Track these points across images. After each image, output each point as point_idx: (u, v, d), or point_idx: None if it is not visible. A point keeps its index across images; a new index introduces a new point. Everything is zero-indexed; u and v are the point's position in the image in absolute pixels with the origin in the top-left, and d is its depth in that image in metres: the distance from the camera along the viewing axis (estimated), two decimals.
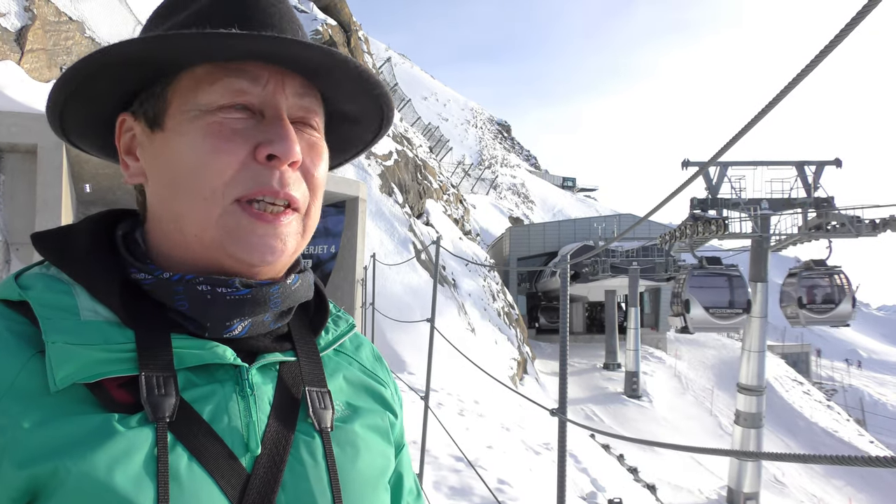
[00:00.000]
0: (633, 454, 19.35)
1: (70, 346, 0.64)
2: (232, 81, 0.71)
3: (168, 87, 0.74)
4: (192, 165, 0.70)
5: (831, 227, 18.38)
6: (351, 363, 0.89)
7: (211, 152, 0.69)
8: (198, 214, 0.70)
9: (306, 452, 0.73)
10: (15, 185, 9.24)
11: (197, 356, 0.70)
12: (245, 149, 0.70)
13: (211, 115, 0.70)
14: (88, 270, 0.71)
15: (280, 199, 0.71)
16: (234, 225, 0.70)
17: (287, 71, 0.73)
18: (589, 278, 37.25)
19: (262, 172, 0.70)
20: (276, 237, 0.71)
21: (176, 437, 0.65)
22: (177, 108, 0.72)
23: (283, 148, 0.69)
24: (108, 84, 0.74)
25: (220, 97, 0.71)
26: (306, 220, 0.77)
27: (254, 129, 0.71)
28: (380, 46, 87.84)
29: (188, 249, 0.73)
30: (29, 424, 0.60)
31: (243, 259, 0.71)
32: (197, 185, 0.70)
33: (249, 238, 0.70)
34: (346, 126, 0.86)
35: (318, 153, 0.77)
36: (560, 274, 3.19)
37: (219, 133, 0.70)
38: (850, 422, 35.38)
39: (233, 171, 0.69)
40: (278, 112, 0.72)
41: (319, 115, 0.78)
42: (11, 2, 11.84)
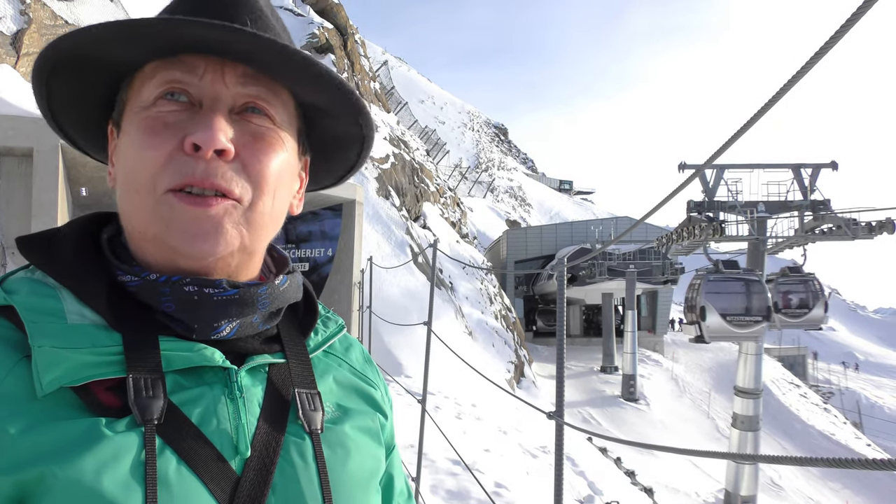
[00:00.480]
0: (631, 457, 19.35)
1: (57, 349, 0.63)
2: (166, 72, 0.71)
3: (126, 90, 0.75)
4: (128, 162, 0.71)
5: (828, 230, 18.40)
6: (341, 364, 0.89)
7: (141, 147, 0.69)
8: (138, 209, 0.70)
9: (296, 454, 0.73)
10: (11, 188, 9.22)
11: (185, 358, 0.69)
12: (173, 141, 0.69)
13: (146, 111, 0.71)
14: (74, 273, 0.71)
15: (207, 188, 0.69)
16: (167, 212, 0.68)
17: (228, 61, 0.72)
18: (586, 281, 37.24)
19: (187, 163, 0.68)
20: (208, 221, 0.69)
21: (164, 441, 0.64)
22: (129, 109, 0.74)
23: (204, 136, 0.67)
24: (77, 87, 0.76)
25: (155, 88, 0.71)
26: (250, 213, 0.72)
27: (187, 120, 0.70)
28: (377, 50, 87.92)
29: (143, 248, 0.73)
30: (15, 430, 0.59)
31: (179, 248, 0.69)
32: (132, 180, 0.70)
33: (181, 222, 0.68)
34: (324, 121, 0.84)
35: (266, 144, 0.74)
36: (557, 277, 3.19)
37: (151, 127, 0.70)
38: (846, 425, 35.43)
39: (160, 164, 0.68)
40: (213, 103, 0.71)
41: (276, 105, 0.76)
42: (7, 6, 11.83)
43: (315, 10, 26.44)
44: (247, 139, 0.73)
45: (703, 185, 19.43)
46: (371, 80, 29.56)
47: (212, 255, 0.71)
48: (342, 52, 25.73)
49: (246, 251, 0.75)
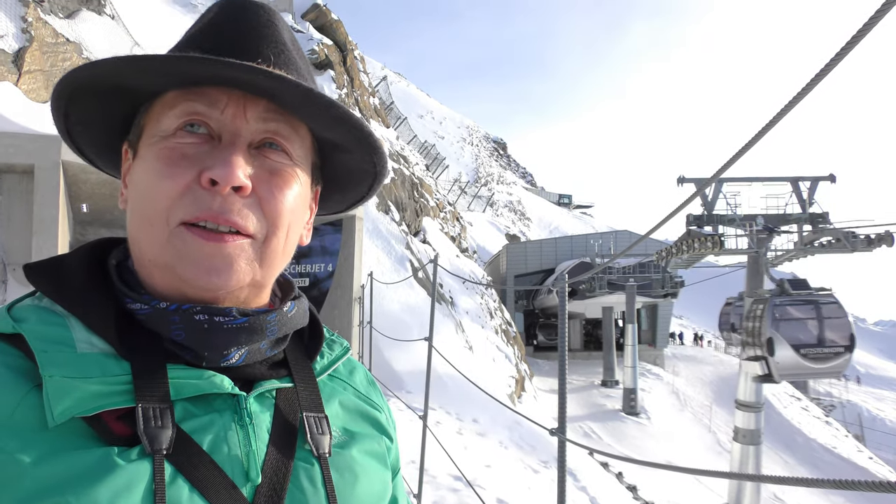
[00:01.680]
0: (632, 472, 19.23)
1: (68, 379, 0.63)
2: (189, 105, 0.71)
3: (144, 115, 0.76)
4: (143, 190, 0.71)
5: (827, 243, 18.41)
6: (346, 388, 0.89)
7: (158, 177, 0.70)
8: (150, 239, 0.71)
9: (306, 479, 0.73)
10: (12, 205, 9.23)
11: (194, 386, 0.69)
12: (191, 173, 0.69)
13: (166, 141, 0.71)
14: (83, 302, 0.71)
15: (221, 224, 0.69)
16: (180, 245, 0.69)
17: (250, 95, 0.73)
18: (586, 295, 37.20)
19: (203, 197, 0.69)
20: (221, 257, 0.69)
21: (176, 469, 0.64)
22: (147, 135, 0.74)
23: (223, 172, 0.68)
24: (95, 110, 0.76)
25: (176, 119, 0.71)
26: (264, 249, 0.73)
27: (206, 154, 0.71)
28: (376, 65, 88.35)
29: (152, 276, 0.73)
30: (29, 460, 0.59)
31: (190, 280, 0.70)
32: (147, 209, 0.70)
33: (194, 257, 0.69)
34: (338, 155, 0.85)
35: (282, 180, 0.75)
36: (558, 294, 3.19)
37: (168, 157, 0.70)
38: (848, 437, 35.25)
39: (176, 195, 0.69)
40: (233, 137, 0.72)
41: (292, 142, 0.77)
42: (9, 23, 11.89)
43: (314, 26, 26.58)
44: (264, 175, 0.73)
45: (702, 198, 19.45)
46: (370, 96, 29.67)
47: (223, 289, 0.71)
48: (342, 67, 25.84)
49: (257, 285, 0.76)
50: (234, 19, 0.76)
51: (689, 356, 43.82)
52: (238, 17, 0.76)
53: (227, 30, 0.75)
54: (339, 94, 23.78)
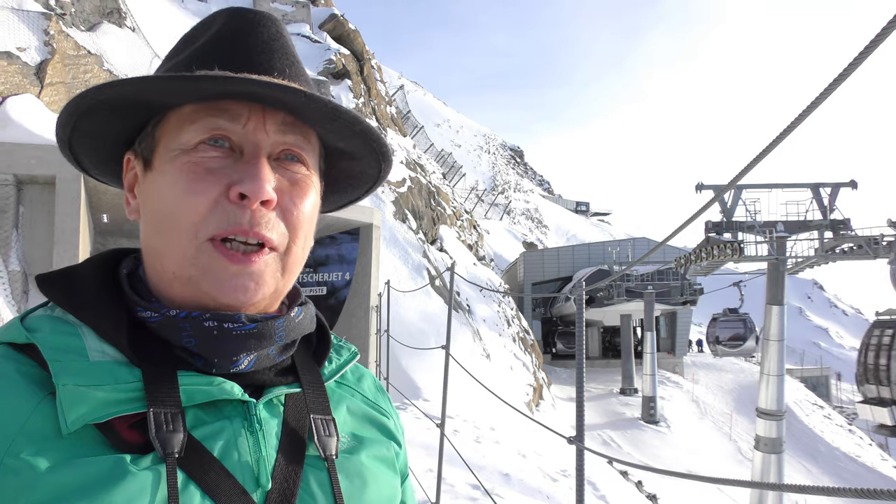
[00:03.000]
0: (652, 480, 19.07)
1: (81, 387, 0.64)
2: (211, 120, 0.72)
3: (157, 127, 0.76)
4: (168, 204, 0.71)
5: (848, 249, 18.21)
6: (354, 395, 0.90)
7: (185, 192, 0.70)
8: (174, 252, 0.71)
9: (315, 485, 0.74)
10: (34, 216, 9.34)
11: (205, 392, 0.70)
12: (218, 188, 0.70)
13: (188, 155, 0.72)
14: (95, 311, 0.72)
15: (251, 238, 0.71)
16: (206, 263, 0.70)
17: (268, 109, 0.74)
18: (604, 303, 37.04)
19: (233, 212, 0.70)
20: (248, 277, 0.71)
21: (188, 476, 0.65)
22: (163, 148, 0.74)
23: (252, 187, 0.69)
24: (105, 124, 0.77)
25: (198, 134, 0.72)
26: (286, 258, 0.76)
27: (230, 167, 0.72)
28: (392, 74, 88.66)
29: (171, 287, 0.74)
30: (43, 468, 0.60)
31: (216, 298, 0.71)
32: (172, 223, 0.71)
33: (221, 277, 0.70)
34: (345, 162, 0.86)
35: (301, 190, 0.76)
36: (575, 300, 3.18)
37: (193, 172, 0.71)
38: (872, 446, 34.78)
39: (205, 210, 0.70)
40: (255, 150, 0.73)
41: (308, 151, 0.78)
42: (32, 37, 12.07)
43: (332, 36, 26.76)
44: (285, 186, 0.75)
45: (721, 205, 19.33)
46: (387, 105, 29.80)
47: (249, 303, 0.73)
48: (359, 77, 25.97)
49: (277, 294, 0.77)
50: (244, 33, 0.77)
51: (709, 364, 43.41)
52: (248, 31, 0.77)
53: (239, 43, 0.76)
54: (356, 103, 23.89)
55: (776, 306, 17.01)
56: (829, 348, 78.62)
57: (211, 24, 0.79)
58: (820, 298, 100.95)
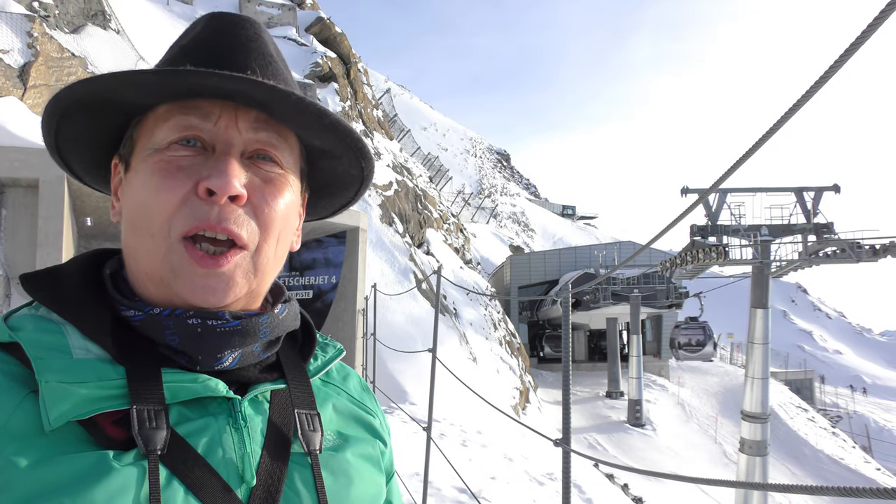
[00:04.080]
0: (638, 484, 19.15)
1: (63, 384, 0.64)
2: (183, 118, 0.73)
3: (136, 128, 0.77)
4: (140, 203, 0.72)
5: (832, 253, 18.37)
6: (339, 393, 0.90)
7: (155, 189, 0.71)
8: (148, 251, 0.72)
9: (299, 481, 0.74)
10: (17, 219, 9.26)
11: (189, 390, 0.70)
12: (187, 185, 0.71)
13: (160, 154, 0.72)
14: (78, 309, 0.72)
15: (219, 233, 0.71)
16: (177, 263, 0.71)
17: (241, 107, 0.74)
18: (590, 306, 37.13)
19: (200, 207, 0.70)
20: (217, 279, 0.71)
21: (171, 472, 0.65)
22: (140, 148, 0.75)
23: (220, 182, 0.70)
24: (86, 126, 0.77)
25: (170, 133, 0.73)
26: (257, 258, 0.75)
27: (200, 164, 0.72)
28: (379, 78, 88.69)
29: (146, 287, 0.74)
30: (25, 464, 0.60)
31: (187, 300, 0.71)
32: (145, 222, 0.71)
33: (191, 278, 0.71)
34: (326, 162, 0.87)
35: (275, 188, 0.76)
36: (562, 304, 3.18)
37: (164, 170, 0.71)
38: (855, 449, 35.05)
39: (174, 207, 0.70)
40: (226, 147, 0.73)
41: (283, 150, 0.78)
42: (15, 38, 11.98)
43: (318, 39, 26.72)
44: (257, 184, 0.75)
45: (706, 209, 19.46)
46: (374, 108, 29.77)
47: (219, 304, 0.73)
48: (345, 80, 25.94)
49: (253, 294, 0.78)
50: (221, 34, 0.77)
51: (695, 367, 43.62)
52: (225, 32, 0.78)
53: (215, 44, 0.76)
54: (342, 106, 23.85)
55: (761, 309, 17.14)
56: (812, 351, 79.22)
57: (193, 28, 0.79)
58: (804, 302, 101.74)
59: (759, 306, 17.21)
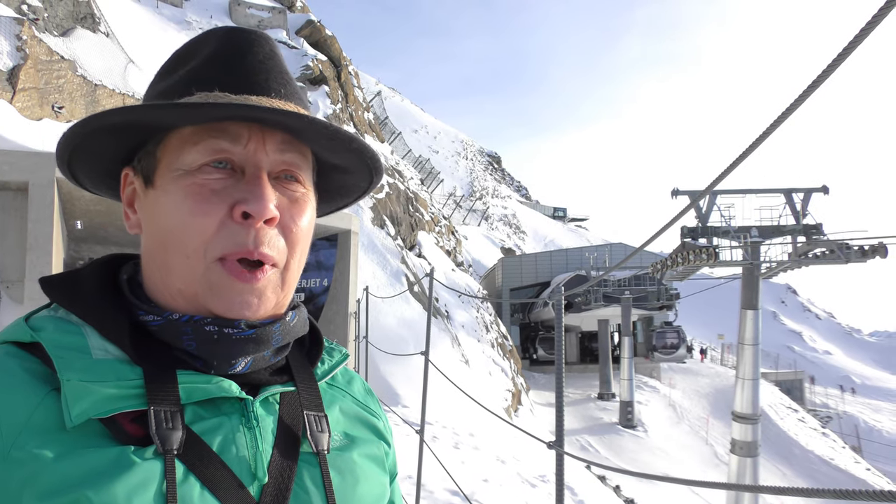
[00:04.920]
0: (630, 485, 19.20)
1: (84, 383, 0.67)
2: (213, 142, 0.74)
3: (159, 146, 0.78)
4: (175, 225, 0.74)
5: (821, 254, 18.46)
6: (344, 396, 0.93)
7: (191, 213, 0.73)
8: (182, 271, 0.74)
9: (309, 479, 0.77)
10: (6, 222, 9.21)
11: (204, 390, 0.73)
12: (223, 209, 0.73)
13: (192, 176, 0.74)
14: (97, 312, 0.75)
15: (255, 258, 0.74)
16: (216, 281, 0.73)
17: (268, 129, 0.76)
18: (582, 308, 37.20)
19: (238, 232, 0.73)
20: (252, 293, 0.74)
21: (188, 468, 0.68)
22: (165, 167, 0.77)
23: (257, 207, 0.72)
24: (105, 144, 0.79)
25: (201, 156, 0.74)
26: (285, 273, 0.78)
27: (233, 187, 0.74)
28: (370, 80, 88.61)
29: (174, 300, 0.76)
30: (49, 458, 0.63)
31: (221, 312, 0.74)
32: (179, 243, 0.74)
33: (228, 295, 0.74)
34: (337, 175, 0.90)
35: (299, 208, 0.79)
36: (554, 307, 3.19)
37: (198, 194, 0.73)
38: (845, 449, 35.22)
39: (211, 232, 0.73)
40: (257, 170, 0.75)
41: (304, 169, 0.81)
42: (3, 42, 11.92)
43: (309, 42, 26.71)
44: (285, 204, 0.77)
45: (696, 210, 19.51)
46: (365, 111, 29.76)
47: (253, 318, 0.76)
48: (336, 83, 25.93)
49: (276, 307, 0.80)
50: (240, 53, 0.79)
51: (686, 368, 43.77)
52: (244, 51, 0.79)
53: (235, 64, 0.78)
54: (333, 109, 23.84)
55: (751, 310, 17.20)
56: (802, 352, 79.64)
57: (205, 44, 0.80)
58: (793, 303, 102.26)
59: (750, 307, 17.28)
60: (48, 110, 12.30)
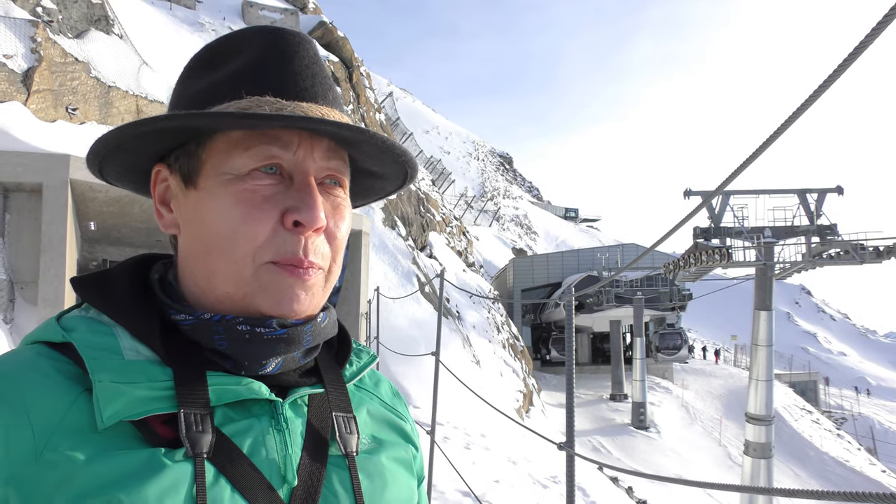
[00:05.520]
0: (642, 486, 19.11)
1: (116, 384, 0.67)
2: (265, 148, 0.74)
3: (202, 147, 0.77)
4: (225, 229, 0.73)
5: (835, 255, 18.36)
6: (372, 398, 0.93)
7: (243, 220, 0.72)
8: (230, 274, 0.74)
9: (337, 482, 0.77)
10: (20, 223, 9.29)
11: (234, 392, 0.73)
12: (274, 215, 0.73)
13: (242, 182, 0.73)
14: (128, 312, 0.75)
15: (304, 267, 0.74)
16: (265, 279, 0.73)
17: (316, 136, 0.76)
18: (593, 309, 37.14)
19: (289, 239, 0.73)
20: (303, 290, 0.74)
21: (219, 470, 0.68)
22: (211, 169, 0.76)
23: (309, 216, 0.72)
24: (145, 142, 0.78)
25: (252, 161, 0.74)
26: (328, 276, 0.79)
27: (282, 194, 0.74)
28: (381, 81, 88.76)
29: (218, 301, 0.76)
30: (81, 459, 0.63)
31: (270, 310, 0.74)
32: (229, 248, 0.73)
33: (280, 289, 0.73)
34: (369, 179, 0.90)
35: (341, 214, 0.80)
36: (565, 308, 3.18)
37: (250, 200, 0.73)
38: (860, 451, 34.98)
39: (263, 239, 0.72)
40: (306, 177, 0.75)
41: (346, 176, 0.81)
42: (18, 44, 12.02)
43: (321, 43, 26.78)
44: (329, 211, 0.78)
45: (709, 211, 19.46)
46: (376, 112, 29.81)
47: (301, 315, 0.76)
48: (347, 84, 25.99)
49: (315, 308, 0.80)
50: (288, 56, 0.78)
51: (698, 369, 43.60)
52: (291, 54, 0.78)
53: (285, 69, 0.77)
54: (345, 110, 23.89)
55: (764, 311, 17.10)
56: (817, 353, 79.08)
57: (249, 43, 0.79)
58: (808, 304, 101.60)
59: (763, 308, 17.18)
60: (62, 112, 12.38)
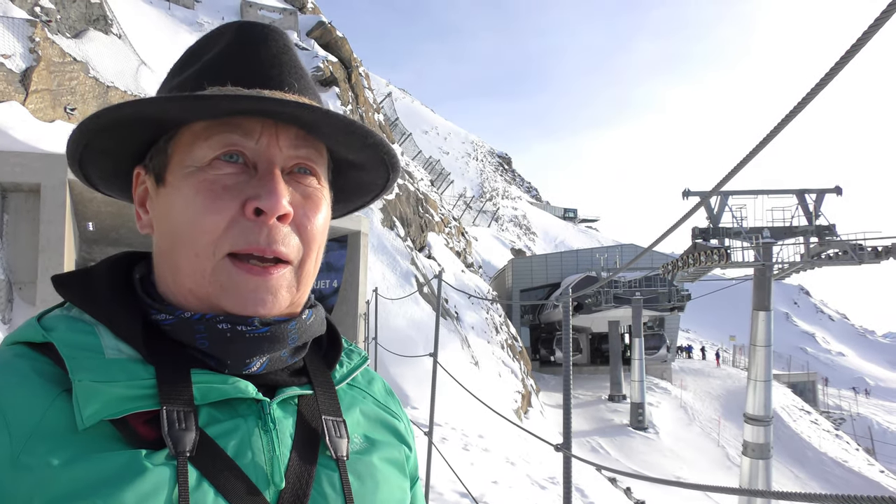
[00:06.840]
0: (641, 487, 19.10)
1: (96, 383, 0.65)
2: (225, 136, 0.72)
3: (170, 143, 0.76)
4: (185, 222, 0.72)
5: (834, 255, 18.37)
6: (365, 398, 0.91)
7: (202, 210, 0.71)
8: (192, 269, 0.72)
9: (327, 485, 0.74)
10: (18, 224, 9.27)
11: (219, 390, 0.71)
12: (234, 205, 0.71)
13: (203, 172, 0.72)
14: (110, 311, 0.73)
15: (268, 255, 0.72)
16: (225, 279, 0.71)
17: (281, 123, 0.74)
18: (592, 309, 37.15)
19: (250, 228, 0.71)
20: (266, 290, 0.72)
21: (201, 474, 0.66)
22: (176, 164, 0.74)
23: (269, 203, 0.70)
24: (117, 140, 0.77)
25: (212, 150, 0.72)
26: (300, 272, 0.76)
27: (245, 183, 0.72)
28: (380, 82, 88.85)
29: (186, 300, 0.74)
30: (57, 463, 0.61)
31: (233, 311, 0.72)
32: (190, 241, 0.71)
33: (241, 291, 0.71)
34: (353, 172, 0.87)
35: (314, 204, 0.77)
36: (562, 308, 3.17)
37: (210, 190, 0.71)
38: (859, 451, 35.01)
39: (222, 229, 0.70)
40: (270, 166, 0.73)
41: (319, 165, 0.79)
42: (17, 43, 12.00)
43: (320, 43, 26.78)
44: (298, 200, 0.75)
45: (707, 211, 19.46)
46: (375, 112, 29.81)
47: (267, 315, 0.74)
48: (346, 84, 25.99)
49: (292, 305, 0.78)
50: (253, 46, 0.77)
51: (697, 370, 43.65)
52: (257, 44, 0.77)
53: (248, 57, 0.76)
54: (344, 110, 23.88)
55: (763, 312, 17.12)
56: (815, 353, 79.16)
57: (219, 38, 0.78)
58: (806, 304, 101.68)
59: (762, 308, 17.20)
60: (60, 112, 12.37)
